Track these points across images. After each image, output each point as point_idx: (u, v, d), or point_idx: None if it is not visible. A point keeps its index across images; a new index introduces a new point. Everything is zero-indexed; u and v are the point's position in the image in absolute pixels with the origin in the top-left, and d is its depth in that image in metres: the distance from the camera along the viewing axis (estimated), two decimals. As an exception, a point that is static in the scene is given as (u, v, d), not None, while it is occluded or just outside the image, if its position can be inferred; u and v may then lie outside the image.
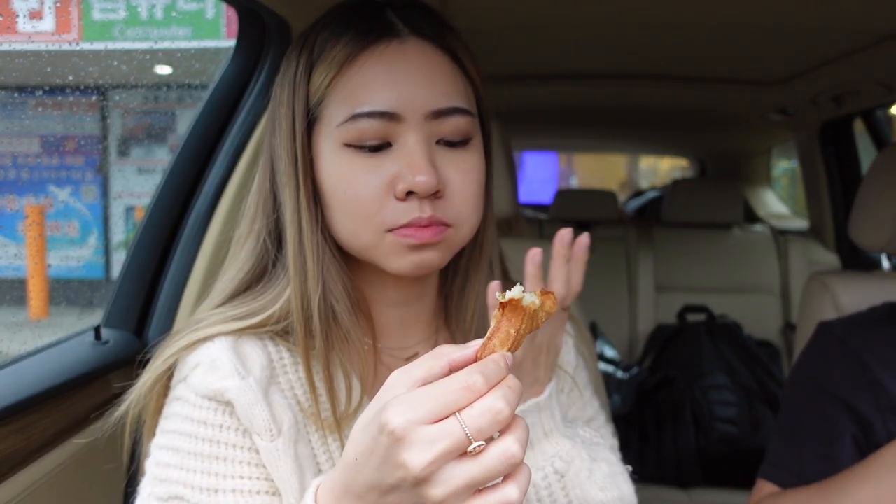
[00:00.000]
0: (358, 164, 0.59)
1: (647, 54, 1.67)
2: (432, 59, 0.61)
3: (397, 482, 0.41)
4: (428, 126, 0.60)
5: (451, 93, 0.61)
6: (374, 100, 0.58)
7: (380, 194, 0.59)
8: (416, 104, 0.59)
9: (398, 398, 0.41)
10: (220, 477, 0.58)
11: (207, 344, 0.62)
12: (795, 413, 0.93)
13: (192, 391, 0.61)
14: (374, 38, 0.60)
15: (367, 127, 0.58)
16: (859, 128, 2.37)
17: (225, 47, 1.44)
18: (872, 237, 1.08)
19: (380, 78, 0.59)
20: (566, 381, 0.74)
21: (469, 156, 0.62)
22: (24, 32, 2.22)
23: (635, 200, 3.87)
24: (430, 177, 0.57)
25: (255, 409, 0.59)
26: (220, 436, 0.59)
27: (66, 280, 4.88)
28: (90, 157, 5.61)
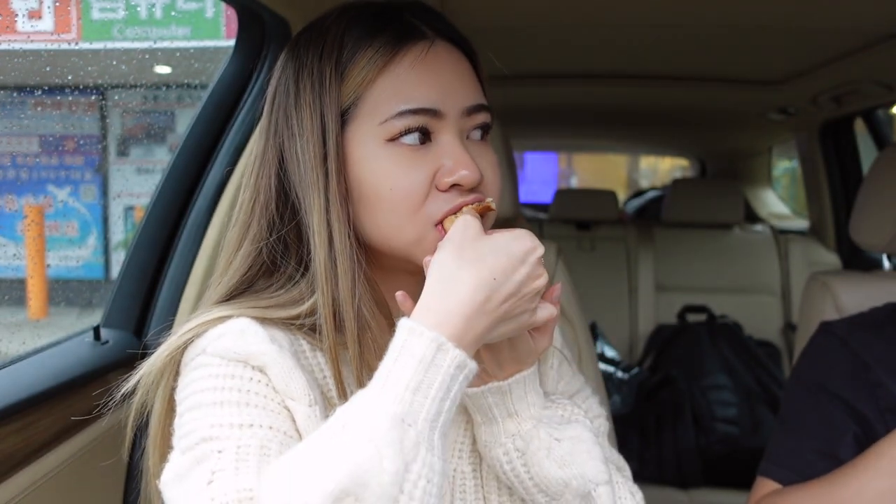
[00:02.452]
0: (402, 159, 0.62)
1: (647, 54, 1.67)
2: (459, 61, 0.66)
3: (531, 290, 0.57)
4: (462, 122, 0.64)
5: (476, 91, 0.67)
6: (418, 97, 0.62)
7: (425, 187, 0.62)
8: (453, 101, 0.63)
9: (528, 237, 0.59)
10: (255, 416, 0.56)
11: (231, 320, 0.61)
12: (796, 411, 0.93)
13: (216, 357, 0.59)
14: (407, 40, 0.64)
15: (413, 123, 0.62)
16: (860, 127, 2.37)
17: (224, 47, 1.44)
18: (873, 237, 1.08)
19: (422, 77, 0.63)
20: (554, 356, 0.77)
21: (488, 149, 0.68)
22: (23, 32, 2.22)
23: (635, 200, 3.87)
24: (473, 171, 0.62)
25: (294, 374, 0.58)
26: (248, 386, 0.57)
27: (65, 280, 4.88)
28: (89, 157, 5.61)
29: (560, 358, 0.78)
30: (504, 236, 0.58)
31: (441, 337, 0.52)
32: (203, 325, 0.62)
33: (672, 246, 2.60)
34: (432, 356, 0.51)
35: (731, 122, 2.59)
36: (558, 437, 0.64)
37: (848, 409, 0.87)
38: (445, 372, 0.51)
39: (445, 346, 0.52)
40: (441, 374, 0.51)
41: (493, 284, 0.55)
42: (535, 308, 0.59)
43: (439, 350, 0.51)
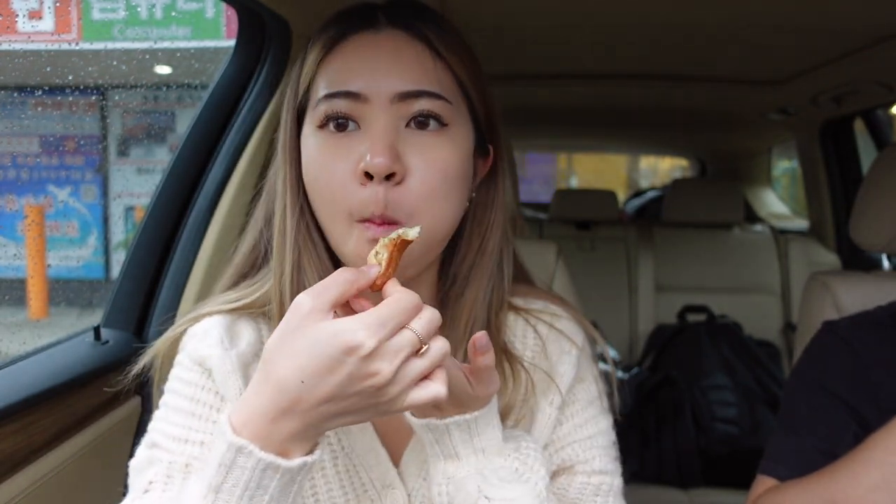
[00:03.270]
0: (326, 147, 0.61)
1: (647, 54, 1.67)
2: (403, 47, 0.63)
3: (364, 388, 0.49)
4: (395, 109, 0.61)
5: (421, 77, 0.61)
6: (344, 82, 0.61)
7: (346, 179, 0.60)
8: (381, 86, 0.60)
9: (359, 323, 0.49)
10: (192, 430, 0.63)
11: (206, 319, 0.68)
12: (796, 409, 0.92)
13: (186, 356, 0.67)
14: (352, 28, 0.64)
15: (337, 106, 0.61)
16: (860, 127, 2.36)
17: (225, 47, 1.44)
18: (873, 237, 1.08)
19: (352, 62, 0.62)
20: (557, 394, 0.70)
21: (439, 142, 0.61)
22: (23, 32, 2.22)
23: (635, 200, 3.87)
24: (385, 158, 0.58)
25: (230, 377, 0.64)
26: (198, 395, 0.65)
27: (65, 280, 4.88)
28: (90, 157, 5.61)
29: (576, 398, 0.71)
30: (327, 330, 0.49)
31: (240, 440, 0.50)
32: (190, 321, 0.69)
33: (672, 246, 2.60)
34: (232, 459, 0.50)
35: (731, 122, 2.59)
36: (490, 495, 0.59)
37: (848, 408, 0.87)
38: (249, 474, 0.50)
39: (246, 449, 0.50)
40: (245, 475, 0.50)
41: (300, 388, 0.49)
42: (402, 394, 0.50)
43: (239, 453, 0.50)
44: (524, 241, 1.22)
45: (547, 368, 0.70)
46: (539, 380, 0.70)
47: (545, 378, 0.70)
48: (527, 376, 0.69)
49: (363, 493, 0.65)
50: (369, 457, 0.65)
